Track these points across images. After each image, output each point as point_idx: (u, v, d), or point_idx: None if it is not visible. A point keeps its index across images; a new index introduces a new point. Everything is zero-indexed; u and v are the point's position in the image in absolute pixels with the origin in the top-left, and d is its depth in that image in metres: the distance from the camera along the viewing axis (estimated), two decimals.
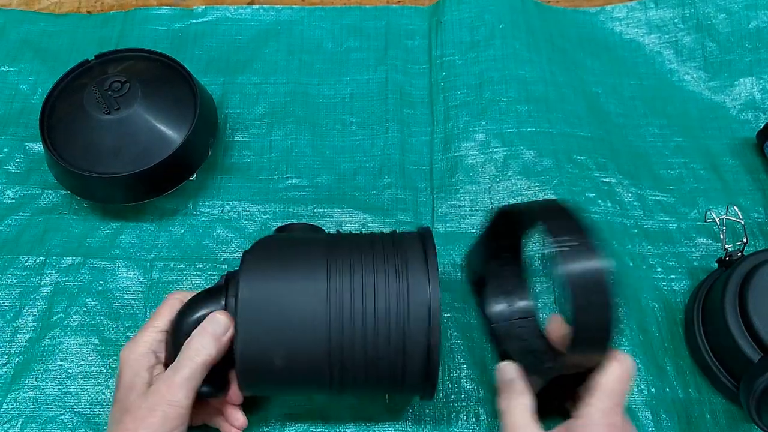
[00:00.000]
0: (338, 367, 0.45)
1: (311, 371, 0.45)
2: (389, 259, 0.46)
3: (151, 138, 0.61)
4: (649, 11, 0.77)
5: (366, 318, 0.44)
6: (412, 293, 0.45)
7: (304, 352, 0.44)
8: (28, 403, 0.54)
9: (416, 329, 0.44)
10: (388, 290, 0.45)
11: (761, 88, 0.72)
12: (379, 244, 0.47)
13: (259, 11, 0.76)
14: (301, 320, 0.44)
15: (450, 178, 0.66)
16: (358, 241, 0.48)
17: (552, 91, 0.71)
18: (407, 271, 0.45)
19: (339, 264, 0.46)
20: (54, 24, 0.75)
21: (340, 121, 0.70)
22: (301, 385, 0.47)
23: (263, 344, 0.44)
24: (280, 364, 0.44)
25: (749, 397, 0.48)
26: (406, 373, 0.45)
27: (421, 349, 0.44)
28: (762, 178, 0.67)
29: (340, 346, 0.44)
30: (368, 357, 0.45)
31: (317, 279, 0.45)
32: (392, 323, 0.44)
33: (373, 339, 0.44)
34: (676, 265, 0.61)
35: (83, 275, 0.60)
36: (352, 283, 0.45)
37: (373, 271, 0.45)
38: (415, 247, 0.47)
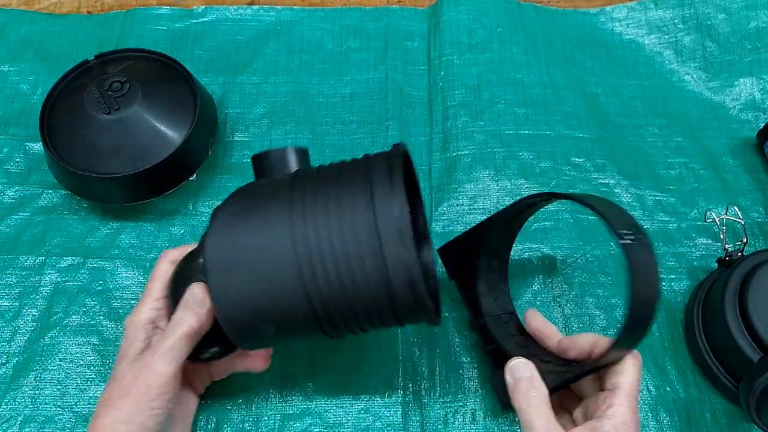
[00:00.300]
0: (322, 308, 0.42)
1: (296, 318, 0.43)
2: (355, 184, 0.42)
3: (151, 138, 0.61)
4: (649, 12, 0.77)
5: (335, 249, 0.41)
6: (379, 212, 0.40)
7: (281, 301, 0.42)
8: (27, 402, 0.54)
9: (390, 248, 0.40)
10: (355, 216, 0.41)
11: (761, 88, 0.72)
12: (345, 169, 0.44)
13: (259, 11, 0.76)
14: (270, 269, 0.41)
15: (448, 178, 0.66)
16: (325, 170, 0.45)
17: (550, 94, 0.71)
18: (372, 189, 0.41)
19: (303, 201, 0.42)
20: (54, 24, 0.75)
21: (340, 120, 0.70)
22: (294, 333, 0.44)
23: (239, 303, 0.42)
24: (261, 318, 0.42)
25: (749, 396, 0.48)
26: (395, 299, 0.42)
27: (401, 269, 0.40)
28: (762, 178, 0.67)
29: (316, 286, 0.41)
30: (348, 289, 0.41)
31: (280, 222, 0.42)
32: (364, 247, 0.40)
33: (346, 268, 0.41)
34: (676, 265, 0.61)
35: (83, 275, 0.60)
36: (316, 217, 0.41)
37: (339, 199, 0.42)
38: (380, 162, 0.43)
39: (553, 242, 0.62)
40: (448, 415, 0.54)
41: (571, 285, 0.60)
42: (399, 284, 0.41)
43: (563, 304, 0.59)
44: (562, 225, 0.63)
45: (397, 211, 0.40)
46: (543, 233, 0.62)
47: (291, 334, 0.44)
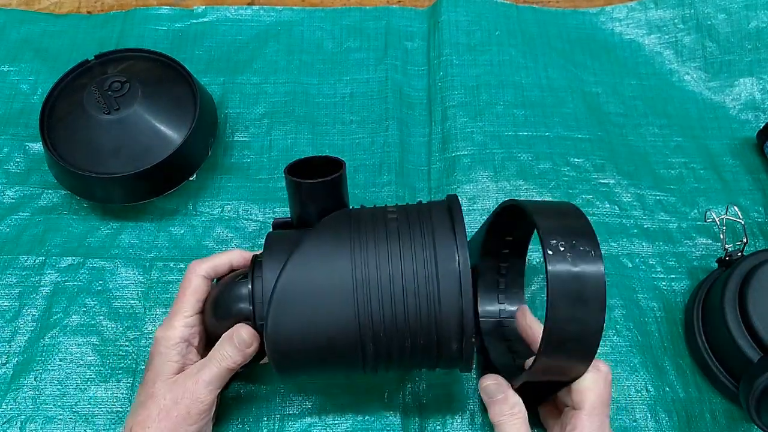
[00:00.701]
0: (370, 346, 0.44)
1: (343, 353, 0.44)
2: (414, 229, 0.44)
3: (151, 138, 0.61)
4: (649, 12, 0.77)
5: (394, 292, 0.42)
6: (440, 260, 0.42)
7: (336, 338, 0.43)
8: (28, 402, 0.54)
9: (447, 296, 0.42)
10: (414, 260, 0.43)
11: (761, 88, 0.72)
12: (404, 217, 0.46)
13: (259, 12, 0.76)
14: (327, 303, 0.43)
15: (447, 178, 0.66)
16: (382, 216, 0.46)
17: (548, 96, 0.71)
18: (434, 238, 0.43)
19: (363, 244, 0.44)
20: (54, 24, 0.75)
21: (339, 120, 0.70)
22: (335, 368, 0.47)
23: (291, 334, 0.44)
24: (310, 356, 0.44)
25: (749, 396, 0.48)
26: (441, 345, 0.43)
27: (454, 316, 0.42)
28: (762, 178, 0.67)
29: (370, 324, 0.43)
30: (399, 332, 0.43)
31: (341, 258, 0.44)
32: (421, 294, 0.42)
33: (402, 313, 0.42)
34: (676, 264, 0.61)
35: (83, 275, 0.60)
36: (377, 258, 0.43)
37: (399, 243, 0.44)
38: (441, 214, 0.45)
39: None
40: (447, 416, 0.54)
41: None
42: (449, 336, 0.43)
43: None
44: None
45: (461, 263, 0.42)
46: None
47: (332, 371, 0.47)
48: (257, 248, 0.62)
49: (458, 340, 0.43)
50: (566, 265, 0.39)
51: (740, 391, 0.50)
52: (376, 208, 0.48)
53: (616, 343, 0.57)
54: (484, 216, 0.64)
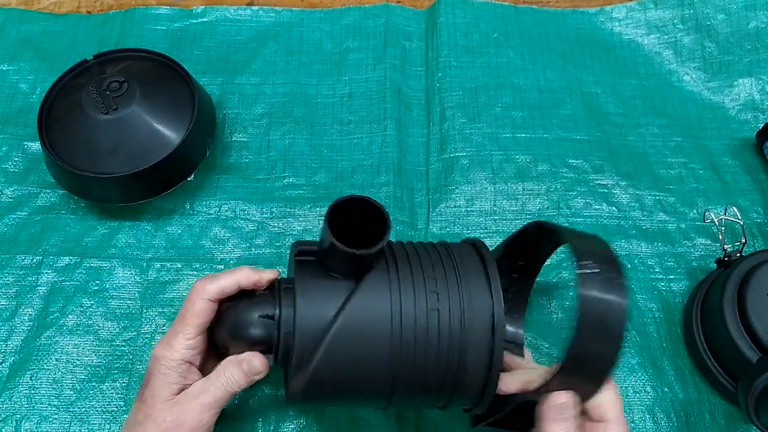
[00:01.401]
0: (400, 382, 0.44)
1: (368, 391, 0.44)
2: (450, 272, 0.45)
3: (149, 138, 0.61)
4: (649, 12, 0.77)
5: (429, 332, 0.43)
6: (476, 308, 0.43)
7: (365, 369, 0.43)
8: (23, 402, 0.54)
9: (476, 346, 0.43)
10: (451, 308, 0.43)
11: (760, 89, 0.72)
12: (439, 261, 0.46)
13: (258, 12, 0.76)
14: (364, 346, 0.43)
15: (446, 179, 0.66)
16: (416, 251, 0.47)
17: (547, 97, 0.71)
18: (470, 286, 0.44)
19: (400, 275, 0.44)
20: (53, 23, 0.75)
21: (338, 120, 0.70)
22: (355, 401, 0.47)
23: (327, 377, 0.43)
24: (339, 393, 0.44)
25: (748, 397, 0.48)
26: (464, 389, 0.44)
27: (482, 368, 0.43)
28: (761, 179, 0.66)
29: (403, 361, 0.43)
30: (429, 375, 0.43)
31: (380, 299, 0.43)
32: (454, 341, 0.43)
33: (434, 360, 0.43)
34: (675, 265, 0.61)
35: (80, 275, 0.60)
36: (415, 293, 0.44)
37: (436, 288, 0.44)
38: (473, 261, 0.46)
39: None
40: (444, 419, 0.54)
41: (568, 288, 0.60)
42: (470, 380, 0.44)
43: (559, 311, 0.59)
44: None
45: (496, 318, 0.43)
46: None
47: (352, 403, 0.47)
48: (254, 248, 0.62)
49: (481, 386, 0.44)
50: (598, 290, 0.40)
51: (739, 392, 0.50)
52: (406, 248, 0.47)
53: None
54: (482, 217, 0.64)
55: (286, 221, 0.63)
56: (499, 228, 0.63)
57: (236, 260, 0.61)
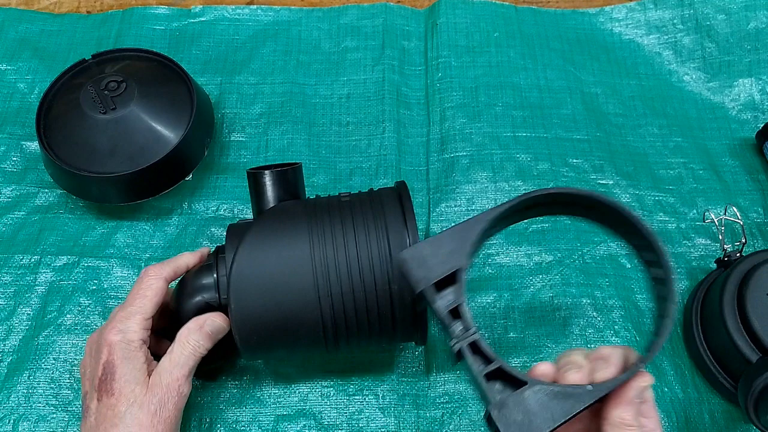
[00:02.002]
0: (331, 324, 0.47)
1: (306, 331, 0.47)
2: (367, 213, 0.48)
3: (148, 138, 0.60)
4: (649, 12, 0.76)
5: (351, 272, 0.46)
6: (392, 240, 0.47)
7: (297, 314, 0.47)
8: (21, 401, 0.54)
9: (399, 274, 0.45)
10: (369, 244, 0.47)
11: (760, 89, 0.71)
12: (357, 202, 0.50)
13: (257, 11, 0.76)
14: (289, 285, 0.46)
15: (446, 179, 0.65)
16: (337, 202, 0.50)
17: (547, 97, 0.71)
18: (385, 221, 0.48)
19: (320, 225, 0.48)
20: (52, 23, 0.75)
21: (336, 122, 0.69)
22: (298, 346, 0.49)
23: (257, 315, 0.46)
24: (275, 335, 0.47)
25: (747, 397, 0.47)
26: (396, 319, 0.47)
27: (408, 293, 0.46)
28: (761, 179, 0.66)
29: (330, 303, 0.46)
30: (358, 309, 0.47)
31: (300, 243, 0.47)
32: (377, 273, 0.46)
33: (360, 291, 0.46)
34: (675, 265, 0.61)
35: (78, 274, 0.60)
36: (334, 242, 0.47)
37: (353, 227, 0.48)
38: (391, 199, 0.49)
39: (551, 244, 0.61)
40: (444, 416, 0.54)
41: (569, 286, 0.60)
42: (403, 306, 0.47)
43: (561, 306, 0.59)
44: (559, 226, 0.63)
45: (409, 242, 0.47)
46: (541, 235, 0.62)
47: (295, 347, 0.49)
48: None
49: (412, 311, 0.47)
50: None
51: (739, 392, 0.50)
52: (331, 197, 0.52)
53: (614, 343, 0.57)
54: None
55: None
56: None
57: None
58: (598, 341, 0.57)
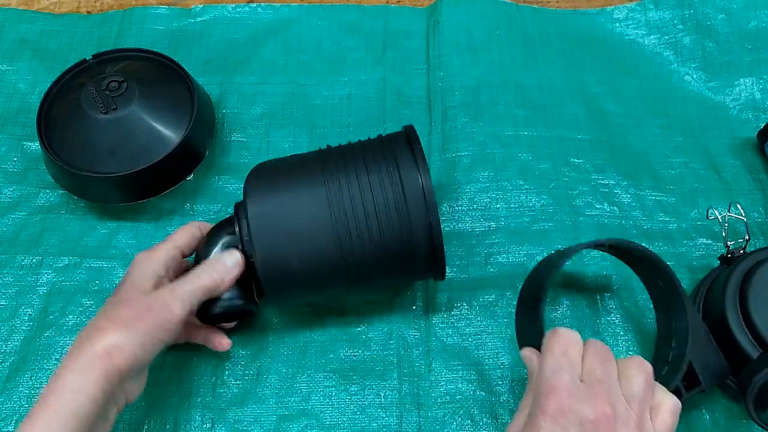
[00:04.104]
0: (351, 259, 0.49)
1: (326, 267, 0.49)
2: (378, 156, 0.50)
3: (148, 138, 0.61)
4: (649, 12, 0.77)
5: (367, 210, 0.49)
6: (405, 179, 0.49)
7: (317, 251, 0.49)
8: (23, 401, 0.54)
9: (415, 210, 0.48)
10: (382, 182, 0.49)
11: (761, 88, 0.71)
12: (368, 146, 0.52)
13: (257, 9, 0.76)
14: (308, 224, 0.49)
15: (448, 178, 0.65)
16: (349, 147, 0.52)
17: (549, 96, 0.71)
18: (396, 161, 0.50)
19: (334, 169, 0.50)
20: (52, 23, 0.75)
21: (337, 123, 0.69)
22: (319, 283, 0.51)
23: (278, 253, 0.49)
24: (296, 266, 0.49)
25: (748, 393, 0.47)
26: (414, 253, 0.50)
27: (424, 227, 0.49)
28: (762, 179, 0.66)
29: (349, 239, 0.49)
30: (375, 244, 0.49)
31: (316, 185, 0.49)
32: (392, 209, 0.49)
33: (377, 228, 0.49)
34: (676, 264, 0.61)
35: (79, 275, 0.60)
36: (348, 182, 0.49)
37: (366, 169, 0.50)
38: (401, 142, 0.52)
39: (553, 244, 0.61)
40: (446, 416, 0.54)
41: (569, 287, 0.60)
42: (421, 240, 0.49)
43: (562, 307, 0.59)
44: (560, 227, 0.63)
45: (424, 182, 0.49)
46: (542, 234, 0.62)
47: (316, 284, 0.51)
48: None
49: (429, 246, 0.49)
50: None
51: (739, 388, 0.50)
52: (342, 145, 0.54)
53: (614, 344, 0.57)
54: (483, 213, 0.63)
55: None
56: (502, 226, 0.63)
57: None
58: None
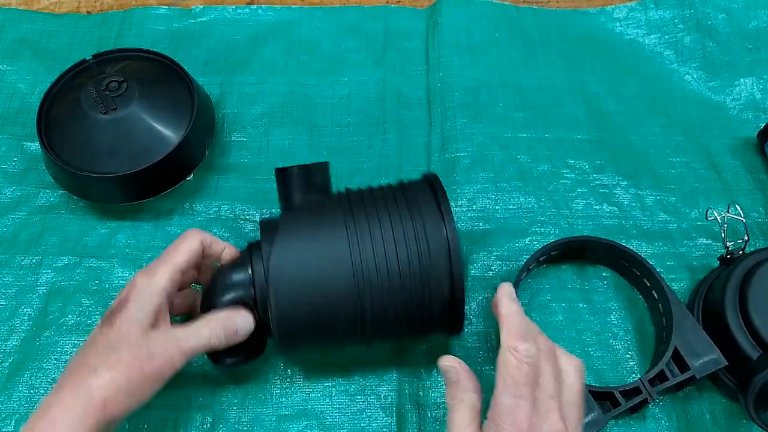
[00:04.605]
0: (370, 316, 0.47)
1: (344, 324, 0.47)
2: (402, 206, 0.48)
3: (148, 138, 0.60)
4: (649, 12, 0.76)
5: (389, 265, 0.46)
6: (429, 232, 0.47)
7: (336, 307, 0.47)
8: (23, 401, 0.54)
9: (437, 264, 0.46)
10: (405, 235, 0.47)
11: (761, 88, 0.71)
12: (391, 195, 0.50)
13: (257, 11, 0.76)
14: (329, 279, 0.46)
15: (447, 179, 0.65)
16: (369, 195, 0.50)
17: (548, 96, 0.71)
18: (421, 212, 0.48)
19: (355, 218, 0.48)
20: (52, 23, 0.75)
21: (337, 122, 0.69)
22: (335, 339, 0.49)
23: (296, 310, 0.47)
24: (314, 324, 0.47)
25: (748, 393, 0.47)
26: (433, 310, 0.48)
27: (445, 283, 0.47)
28: (762, 178, 0.66)
29: (369, 296, 0.46)
30: (397, 301, 0.47)
31: (338, 236, 0.47)
32: (414, 265, 0.46)
33: (398, 283, 0.46)
34: (676, 265, 0.61)
35: (79, 275, 0.60)
36: (371, 234, 0.47)
37: (389, 219, 0.47)
38: (425, 191, 0.49)
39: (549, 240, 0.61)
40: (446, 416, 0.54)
41: (564, 290, 0.60)
42: (440, 297, 0.47)
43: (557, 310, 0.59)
44: (559, 229, 0.63)
45: (449, 233, 0.47)
46: (541, 236, 0.62)
47: (333, 342, 0.50)
48: None
49: (448, 301, 0.47)
50: None
51: (739, 388, 0.50)
52: (362, 190, 0.52)
53: (614, 345, 0.57)
54: (482, 215, 0.63)
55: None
56: (501, 227, 0.63)
57: None
58: (595, 344, 0.57)
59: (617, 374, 0.56)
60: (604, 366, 0.56)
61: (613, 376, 0.56)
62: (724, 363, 0.51)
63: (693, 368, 0.51)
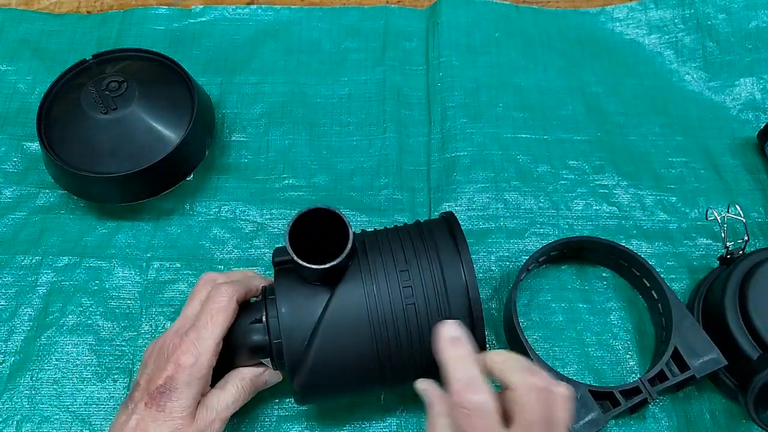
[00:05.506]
0: (388, 368, 0.46)
1: (362, 377, 0.47)
2: (420, 253, 0.47)
3: (148, 138, 0.60)
4: (650, 12, 0.76)
5: (408, 321, 0.45)
6: (448, 280, 0.46)
7: (354, 362, 0.46)
8: (24, 402, 0.54)
9: (456, 311, 0.45)
10: (424, 283, 0.46)
11: (761, 88, 0.71)
12: (408, 239, 0.48)
13: (257, 11, 0.76)
14: (346, 334, 0.45)
15: (447, 178, 0.65)
16: (387, 239, 0.49)
17: (548, 98, 0.71)
18: (440, 260, 0.46)
19: (372, 268, 0.46)
20: (52, 23, 0.75)
21: (337, 122, 0.69)
22: (352, 389, 0.49)
23: (320, 377, 0.46)
24: (331, 377, 0.46)
25: (748, 394, 0.47)
26: None
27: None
28: (762, 178, 0.66)
29: (387, 349, 0.45)
30: (416, 357, 0.46)
31: (354, 287, 0.46)
32: (433, 315, 0.45)
33: (417, 335, 0.45)
34: (676, 265, 0.61)
35: (79, 275, 0.60)
36: (388, 284, 0.46)
37: (407, 267, 0.46)
38: (443, 234, 0.48)
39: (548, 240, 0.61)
40: None
41: (564, 291, 0.60)
42: None
43: (557, 310, 0.59)
44: (558, 230, 0.63)
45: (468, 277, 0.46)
46: (540, 237, 0.62)
47: (349, 391, 0.49)
48: (254, 249, 0.62)
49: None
50: None
51: (739, 388, 0.50)
52: (377, 232, 0.50)
53: (614, 345, 0.57)
54: (483, 218, 0.63)
55: (285, 222, 0.62)
56: (500, 227, 0.63)
57: (235, 261, 0.61)
58: (595, 344, 0.57)
59: (617, 374, 0.56)
60: (604, 366, 0.56)
61: (613, 376, 0.56)
62: (724, 363, 0.51)
63: (693, 368, 0.51)
